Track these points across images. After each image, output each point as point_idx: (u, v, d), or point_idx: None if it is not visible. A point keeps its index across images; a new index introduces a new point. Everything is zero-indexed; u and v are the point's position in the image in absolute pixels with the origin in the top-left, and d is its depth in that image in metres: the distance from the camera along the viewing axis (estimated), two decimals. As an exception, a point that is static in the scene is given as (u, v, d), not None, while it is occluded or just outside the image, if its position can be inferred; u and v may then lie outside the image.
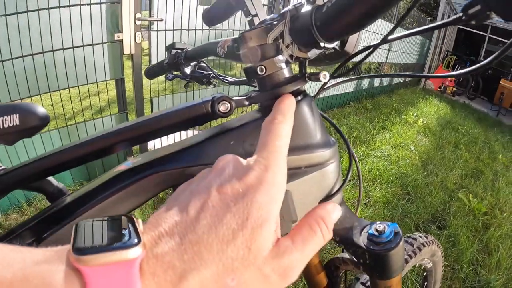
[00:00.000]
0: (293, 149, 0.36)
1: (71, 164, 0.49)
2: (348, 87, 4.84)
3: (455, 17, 0.26)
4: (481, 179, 3.29)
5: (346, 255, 0.59)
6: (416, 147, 3.73)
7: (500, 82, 8.48)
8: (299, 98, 0.38)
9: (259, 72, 0.37)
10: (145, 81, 2.21)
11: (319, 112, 0.42)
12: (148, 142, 2.09)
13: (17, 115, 0.52)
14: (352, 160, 0.48)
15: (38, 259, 0.19)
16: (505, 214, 2.67)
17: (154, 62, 2.25)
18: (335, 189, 0.40)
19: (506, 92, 8.19)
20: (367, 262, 0.44)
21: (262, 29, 0.35)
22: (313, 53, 0.37)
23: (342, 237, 0.45)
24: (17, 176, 0.51)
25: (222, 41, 0.59)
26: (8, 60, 1.59)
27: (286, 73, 0.37)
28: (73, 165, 0.49)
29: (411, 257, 0.85)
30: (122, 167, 0.47)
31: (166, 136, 0.44)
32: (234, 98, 0.38)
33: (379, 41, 0.34)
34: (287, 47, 0.35)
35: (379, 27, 4.54)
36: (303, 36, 0.34)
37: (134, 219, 0.22)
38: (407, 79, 7.37)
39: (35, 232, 0.44)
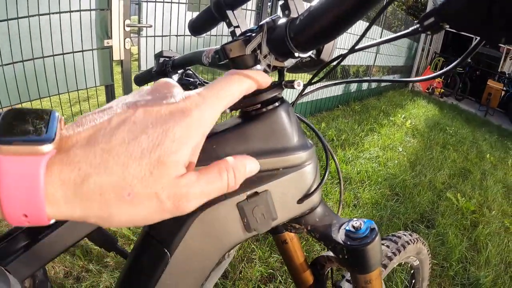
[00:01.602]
0: (271, 152, 0.39)
1: None
2: (337, 90, 4.82)
3: (412, 28, 0.29)
4: (469, 178, 3.34)
5: (331, 253, 0.62)
6: (405, 149, 3.78)
7: (488, 83, 8.62)
8: (277, 104, 0.40)
9: None
10: (135, 87, 2.21)
11: (297, 117, 0.44)
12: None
13: None
14: (338, 162, 0.51)
15: None
16: (494, 212, 2.73)
17: (143, 68, 2.26)
18: (313, 188, 0.43)
19: (494, 92, 8.33)
20: (346, 257, 0.46)
21: (241, 41, 0.37)
22: (289, 62, 0.39)
23: (321, 234, 0.48)
24: None
25: (207, 50, 0.61)
26: (-1, 66, 1.60)
27: None
28: None
29: (395, 254, 0.86)
30: None
31: None
32: None
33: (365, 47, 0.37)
34: (264, 57, 0.37)
35: (369, 31, 4.57)
36: (279, 46, 0.36)
37: (58, 116, 0.23)
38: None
39: (31, 233, 0.46)
